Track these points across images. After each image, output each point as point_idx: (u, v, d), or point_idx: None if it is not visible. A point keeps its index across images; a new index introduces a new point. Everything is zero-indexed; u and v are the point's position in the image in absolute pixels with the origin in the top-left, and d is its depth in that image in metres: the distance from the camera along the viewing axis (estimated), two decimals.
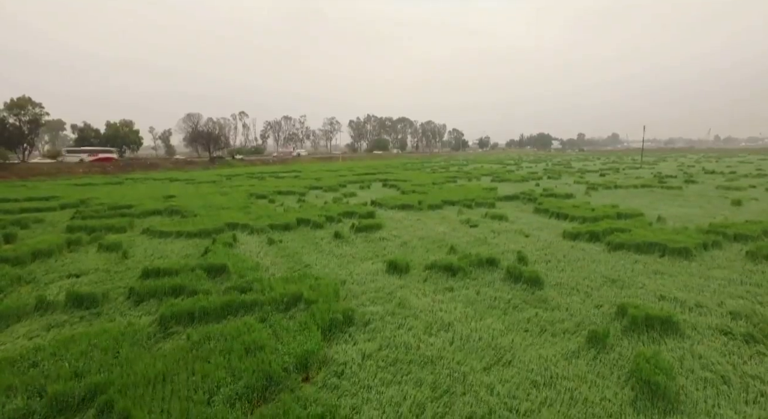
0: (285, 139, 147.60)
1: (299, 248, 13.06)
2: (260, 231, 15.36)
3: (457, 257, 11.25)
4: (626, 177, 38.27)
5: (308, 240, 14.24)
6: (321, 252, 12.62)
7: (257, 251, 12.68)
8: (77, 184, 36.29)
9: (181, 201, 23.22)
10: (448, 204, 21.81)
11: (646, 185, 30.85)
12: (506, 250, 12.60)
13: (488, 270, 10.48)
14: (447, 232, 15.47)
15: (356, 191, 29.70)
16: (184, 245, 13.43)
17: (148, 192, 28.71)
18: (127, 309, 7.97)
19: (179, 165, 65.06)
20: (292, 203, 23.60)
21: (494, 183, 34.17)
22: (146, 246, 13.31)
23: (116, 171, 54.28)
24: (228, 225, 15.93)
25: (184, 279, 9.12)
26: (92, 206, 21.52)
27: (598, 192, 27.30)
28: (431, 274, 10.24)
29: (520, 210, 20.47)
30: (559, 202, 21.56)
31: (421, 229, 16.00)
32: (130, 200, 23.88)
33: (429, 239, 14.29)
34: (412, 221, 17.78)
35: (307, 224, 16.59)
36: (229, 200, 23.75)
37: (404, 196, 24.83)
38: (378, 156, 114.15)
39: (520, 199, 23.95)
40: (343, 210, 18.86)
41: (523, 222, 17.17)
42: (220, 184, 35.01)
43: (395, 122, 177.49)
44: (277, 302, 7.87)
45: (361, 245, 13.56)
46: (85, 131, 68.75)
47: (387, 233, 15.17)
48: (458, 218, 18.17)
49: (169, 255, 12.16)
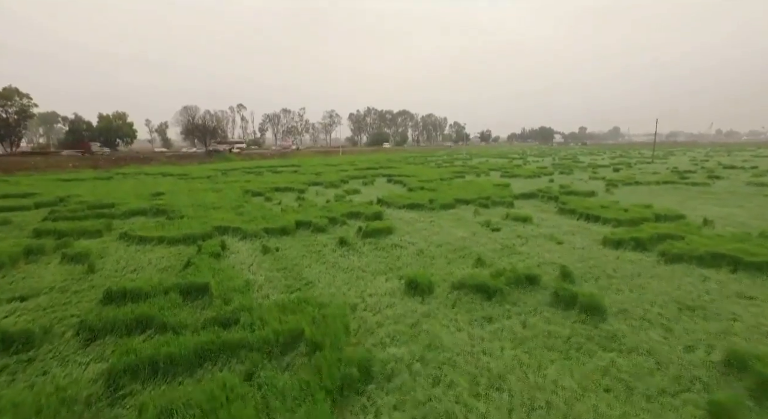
0: (284, 132, 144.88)
1: (299, 259, 11.14)
2: (254, 236, 13.44)
3: (488, 273, 9.36)
4: (642, 172, 36.34)
5: (309, 248, 12.33)
6: (324, 264, 10.71)
7: (249, 263, 10.76)
8: (63, 179, 34.24)
9: (170, 199, 21.26)
10: (462, 203, 19.88)
11: (667, 180, 28.95)
12: (542, 261, 10.71)
13: (529, 291, 8.60)
14: (467, 237, 13.58)
15: (359, 187, 27.74)
16: (163, 255, 11.51)
17: (135, 189, 26.72)
18: (72, 353, 6.07)
19: (175, 159, 62.90)
20: (291, 201, 21.66)
21: (505, 179, 32.21)
22: (120, 256, 11.39)
23: (108, 165, 52.18)
24: (217, 229, 14.00)
25: (153, 306, 7.22)
26: (70, 205, 19.56)
27: (620, 189, 25.38)
28: (460, 296, 8.36)
29: (542, 210, 18.56)
30: (583, 201, 19.65)
31: (437, 233, 14.10)
32: (114, 197, 21.92)
33: (448, 246, 12.39)
34: (425, 223, 15.87)
35: (307, 227, 14.67)
36: (221, 197, 21.80)
37: (412, 193, 22.89)
38: (383, 150, 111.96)
39: (539, 197, 22.03)
40: (348, 210, 16.93)
41: (550, 225, 15.28)
42: (214, 180, 33.00)
43: (396, 116, 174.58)
44: (270, 344, 5.98)
45: (370, 254, 11.65)
46: (76, 123, 66.43)
47: (399, 239, 13.27)
48: (476, 220, 16.27)
49: (144, 268, 10.24)
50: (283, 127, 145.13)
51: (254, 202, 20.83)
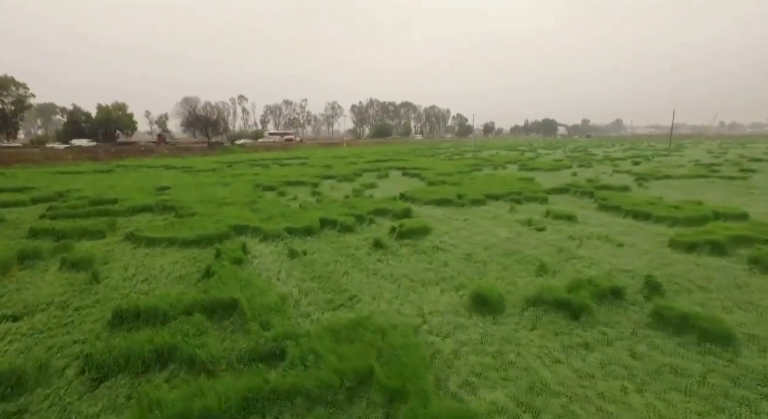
0: (285, 124, 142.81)
1: (332, 265, 9.75)
2: (276, 237, 12.04)
3: (561, 284, 7.99)
4: (665, 165, 34.82)
5: (340, 251, 10.94)
6: (363, 271, 9.33)
7: (276, 270, 9.37)
8: (62, 172, 32.74)
9: (177, 194, 19.83)
10: (492, 198, 18.45)
11: (698, 174, 27.48)
12: (612, 268, 9.33)
13: (617, 307, 7.23)
14: (512, 238, 12.19)
15: (375, 181, 26.28)
16: (177, 260, 10.11)
17: (138, 182, 25.25)
18: (75, 400, 4.69)
19: (177, 151, 61.25)
20: (306, 195, 20.22)
21: (524, 172, 30.77)
22: (127, 261, 9.99)
23: (108, 158, 50.59)
24: (234, 228, 12.59)
25: (175, 332, 5.85)
26: (70, 200, 18.12)
27: (653, 184, 23.93)
28: (539, 314, 6.99)
29: (581, 207, 17.14)
30: (623, 196, 18.24)
31: (478, 233, 12.71)
32: (116, 192, 20.48)
33: (496, 249, 11.00)
34: (459, 221, 14.47)
35: (333, 226, 13.27)
36: (232, 192, 20.36)
37: (435, 188, 21.46)
38: (392, 142, 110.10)
39: (571, 192, 20.61)
40: (374, 207, 15.51)
41: (597, 224, 13.88)
42: (220, 172, 31.52)
43: (398, 107, 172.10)
44: (333, 389, 4.61)
45: (412, 258, 10.26)
46: (75, 114, 64.45)
47: (438, 240, 11.88)
48: (514, 218, 14.88)
49: (157, 278, 8.85)
50: (284, 118, 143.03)
51: (268, 197, 19.39)
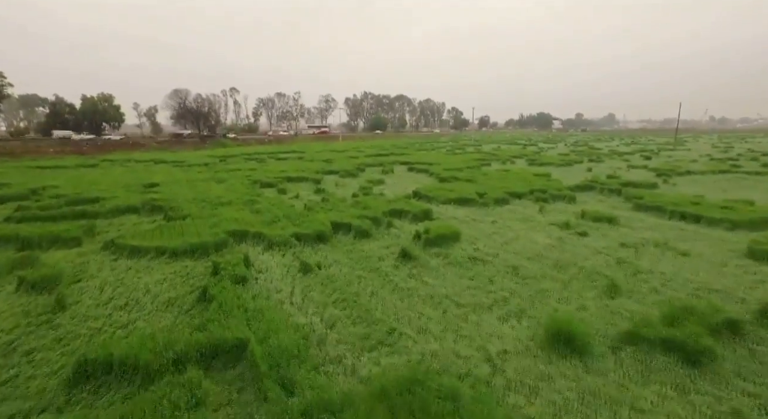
0: (278, 117, 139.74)
1: (356, 283, 8.02)
2: (282, 245, 10.25)
3: (653, 313, 6.36)
4: (677, 160, 33.48)
5: (361, 262, 9.21)
6: (396, 291, 7.61)
7: (289, 291, 7.62)
8: (41, 166, 30.41)
9: (166, 192, 17.89)
10: (514, 197, 16.80)
11: (720, 170, 26.13)
12: (696, 287, 7.73)
13: (742, 348, 5.62)
14: (555, 244, 10.55)
15: (380, 176, 24.49)
16: (166, 275, 8.30)
17: (125, 178, 23.18)
18: None
19: (167, 145, 58.71)
20: (309, 193, 18.40)
21: (536, 168, 29.17)
22: (104, 279, 8.15)
23: (94, 152, 48.04)
24: (232, 234, 10.79)
25: (160, 400, 4.09)
26: (44, 199, 16.11)
27: (678, 180, 22.46)
28: (641, 358, 5.35)
29: (612, 206, 15.57)
30: (656, 195, 16.73)
31: (515, 239, 11.05)
32: (99, 189, 18.48)
33: (544, 259, 9.35)
34: (487, 223, 12.81)
35: (347, 230, 11.52)
36: (228, 189, 18.46)
37: (448, 185, 19.75)
38: (382, 136, 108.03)
39: (597, 189, 19.03)
40: (389, 208, 13.76)
41: (644, 227, 12.31)
42: (213, 167, 29.47)
43: (393, 100, 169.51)
44: None
45: (448, 273, 8.57)
46: (58, 105, 61.35)
47: (471, 248, 10.20)
48: (546, 220, 13.26)
49: (140, 303, 7.04)
50: (277, 111, 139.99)
51: (267, 195, 17.52)
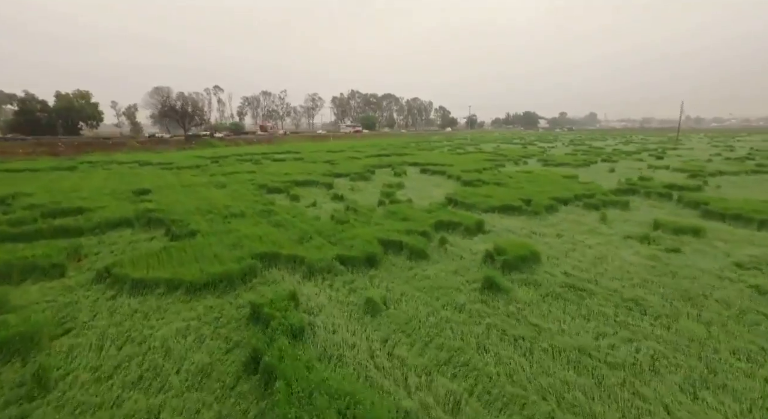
0: (264, 116, 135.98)
1: (448, 330, 6.00)
2: (326, 271, 8.17)
3: None
4: (690, 159, 32.40)
5: (435, 295, 7.21)
6: (510, 344, 5.62)
7: (365, 348, 5.55)
8: (10, 170, 27.22)
9: (162, 200, 15.47)
10: (560, 203, 15.03)
11: (749, 170, 25.02)
12: None
13: None
14: (653, 265, 8.77)
15: (395, 179, 22.45)
16: (188, 325, 6.12)
17: (110, 183, 20.55)
18: None
19: (149, 145, 55.24)
20: (326, 200, 16.24)
21: (553, 168, 27.60)
22: (101, 331, 5.93)
23: (70, 152, 44.45)
24: (260, 257, 8.63)
25: None
26: (15, 211, 13.54)
27: (712, 181, 21.09)
28: None
29: (674, 213, 13.98)
30: (713, 199, 15.17)
31: (600, 259, 9.21)
32: (82, 197, 15.96)
33: (656, 286, 7.54)
34: (551, 237, 10.99)
35: (397, 250, 9.49)
36: (233, 197, 16.15)
37: (478, 189, 17.85)
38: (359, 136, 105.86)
39: (641, 194, 17.44)
40: (434, 219, 11.77)
41: (741, 240, 10.69)
42: (207, 170, 26.91)
43: (380, 99, 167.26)
44: None
45: (554, 310, 6.63)
46: (28, 102, 56.80)
47: (558, 271, 8.33)
48: (616, 231, 11.56)
49: (160, 375, 4.87)
50: (263, 110, 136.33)
51: (280, 203, 15.29)
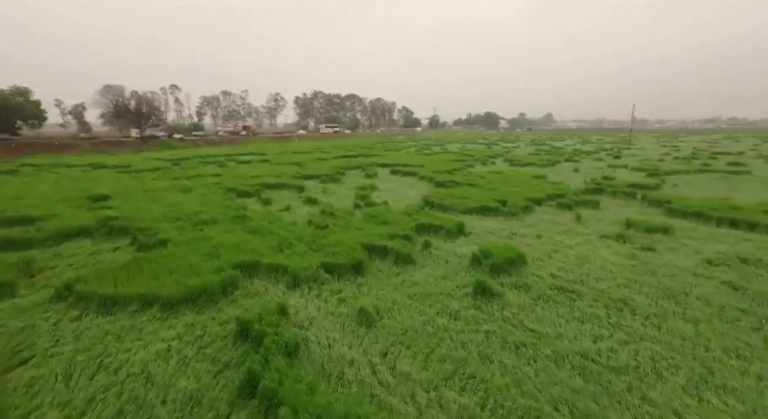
0: (224, 116, 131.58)
1: (447, 340, 5.86)
2: (311, 280, 7.82)
3: None
4: (644, 159, 34.27)
5: (427, 303, 7.06)
6: (512, 352, 5.55)
7: (365, 362, 5.29)
8: None
9: (124, 206, 14.42)
10: (534, 203, 15.35)
11: (696, 169, 26.63)
12: None
13: None
14: (633, 264, 9.11)
15: (367, 181, 22.22)
16: (168, 347, 5.60)
17: (61, 189, 18.98)
18: None
19: (101, 147, 51.78)
20: (300, 203, 15.76)
21: (520, 168, 28.33)
22: (68, 359, 5.31)
23: (8, 155, 40.72)
24: (240, 267, 8.15)
25: None
26: None
27: (668, 179, 22.32)
28: None
29: (643, 213, 14.61)
30: (675, 197, 16.02)
31: (582, 259, 9.42)
32: (28, 205, 14.60)
33: (639, 286, 7.81)
34: (531, 238, 11.17)
35: (382, 255, 9.27)
36: (201, 202, 15.31)
37: (451, 191, 17.95)
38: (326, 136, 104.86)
39: (607, 193, 18.15)
40: (414, 223, 11.64)
41: (706, 237, 11.34)
42: (169, 173, 25.51)
43: (344, 99, 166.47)
44: None
45: (548, 313, 6.65)
46: None
47: (545, 273, 8.42)
48: (592, 231, 11.98)
49: (143, 408, 4.39)
50: (223, 110, 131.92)
51: (253, 208, 14.66)
